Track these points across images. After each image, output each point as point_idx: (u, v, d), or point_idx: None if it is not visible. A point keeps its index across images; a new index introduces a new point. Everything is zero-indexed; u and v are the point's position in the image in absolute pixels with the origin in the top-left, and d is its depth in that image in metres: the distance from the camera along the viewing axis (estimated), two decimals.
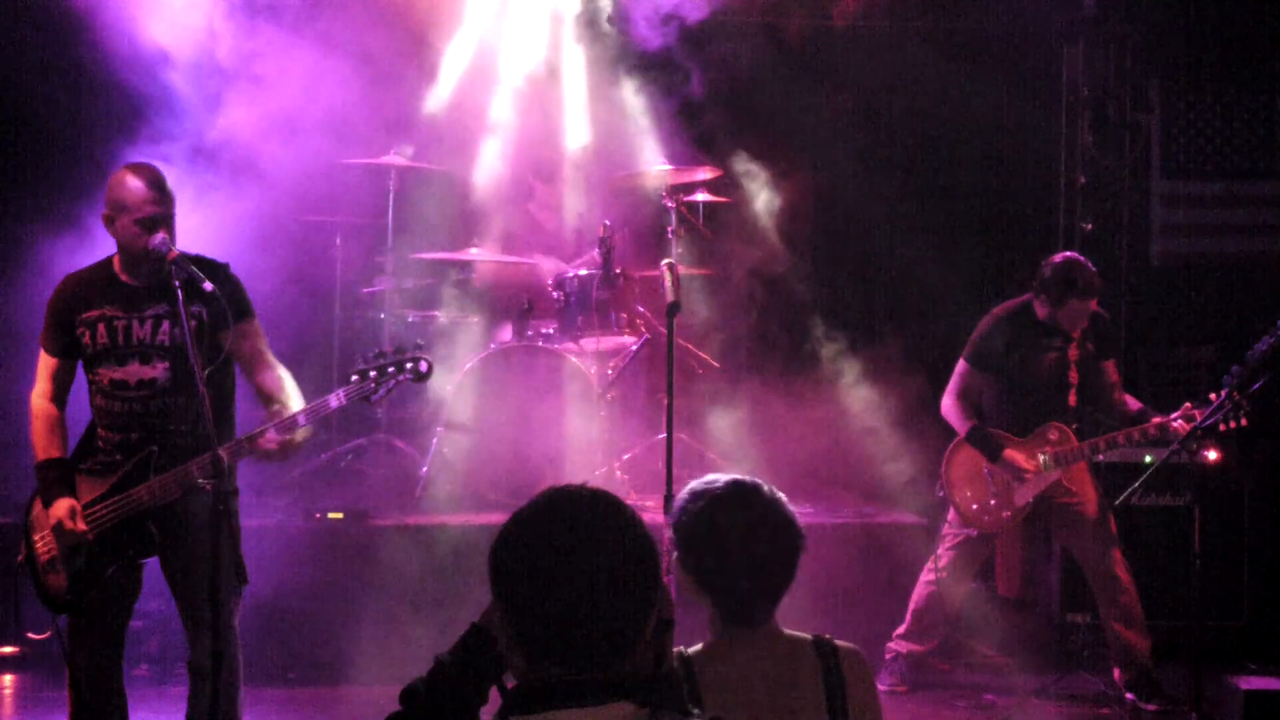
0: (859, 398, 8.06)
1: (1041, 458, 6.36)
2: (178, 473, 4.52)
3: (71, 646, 4.64)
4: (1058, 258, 6.43)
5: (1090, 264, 6.40)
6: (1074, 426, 6.42)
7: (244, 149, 7.54)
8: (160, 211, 4.59)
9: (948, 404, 6.59)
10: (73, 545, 4.55)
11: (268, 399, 4.73)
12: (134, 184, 4.60)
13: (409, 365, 4.65)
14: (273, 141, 7.69)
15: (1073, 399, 6.46)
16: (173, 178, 4.77)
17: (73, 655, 4.63)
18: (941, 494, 6.65)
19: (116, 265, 4.72)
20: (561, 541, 2.25)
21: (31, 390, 4.78)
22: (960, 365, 6.60)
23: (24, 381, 4.90)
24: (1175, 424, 6.11)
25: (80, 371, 4.78)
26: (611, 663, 2.23)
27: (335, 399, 4.63)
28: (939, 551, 6.58)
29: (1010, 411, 6.49)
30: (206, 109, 7.29)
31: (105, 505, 4.58)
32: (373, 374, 4.64)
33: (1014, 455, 6.36)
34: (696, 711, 2.30)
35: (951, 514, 6.61)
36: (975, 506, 6.48)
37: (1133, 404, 6.46)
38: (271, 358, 4.80)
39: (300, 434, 4.62)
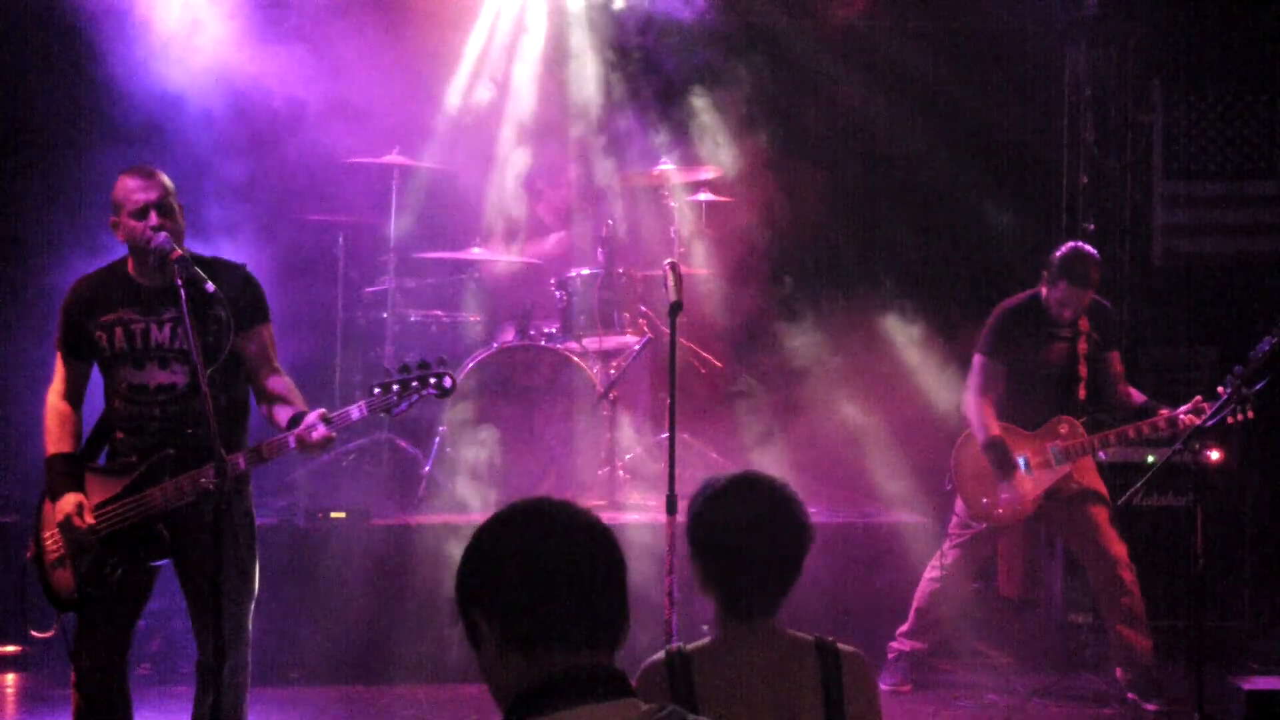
0: (861, 398, 8.06)
1: (1051, 451, 6.38)
2: (191, 476, 4.52)
3: (77, 646, 4.63)
4: (1068, 244, 6.55)
5: (1095, 257, 6.46)
6: (1083, 420, 6.44)
7: (246, 149, 7.55)
8: (151, 198, 4.56)
9: (971, 402, 6.57)
10: (80, 543, 4.55)
11: (273, 398, 4.71)
12: (125, 181, 4.62)
13: (432, 380, 4.64)
14: (275, 141, 7.71)
15: (1082, 392, 6.49)
16: (177, 179, 4.77)
17: (78, 655, 4.62)
18: (950, 487, 6.66)
19: (130, 267, 4.72)
20: (539, 525, 2.28)
21: (47, 390, 4.78)
22: (976, 360, 6.60)
23: (29, 383, 4.89)
24: (1185, 417, 6.14)
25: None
26: (607, 641, 2.24)
27: (357, 410, 4.63)
28: (944, 549, 6.59)
29: (1020, 404, 6.51)
30: (209, 109, 7.30)
31: (119, 506, 4.57)
32: (395, 387, 4.62)
33: (1022, 481, 6.39)
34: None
35: (959, 510, 6.61)
36: (985, 500, 6.49)
37: (1137, 396, 6.50)
38: (277, 364, 4.79)
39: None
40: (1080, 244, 6.55)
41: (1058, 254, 6.47)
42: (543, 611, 2.22)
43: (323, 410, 4.58)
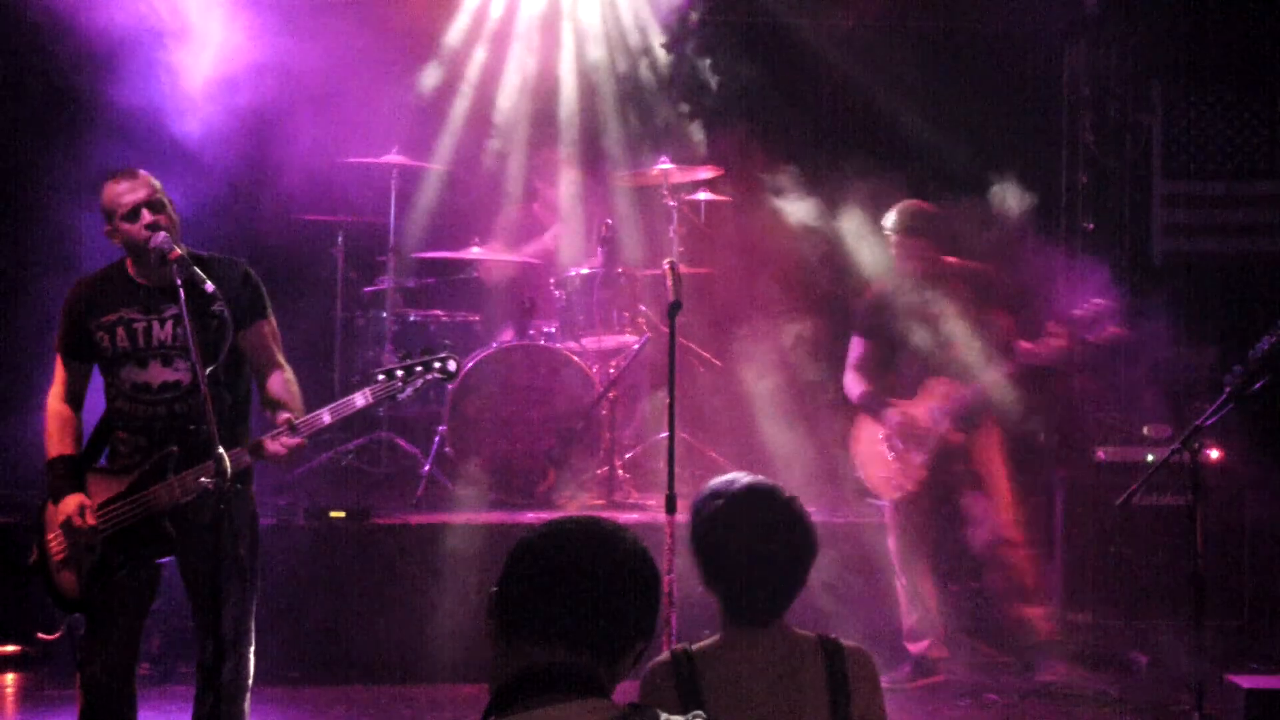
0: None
1: (931, 411, 6.44)
2: (196, 472, 4.51)
3: (85, 648, 4.61)
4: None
5: (920, 206, 6.62)
6: (962, 378, 6.45)
7: (245, 148, 7.55)
8: (139, 198, 4.56)
9: (845, 379, 6.75)
10: (85, 543, 4.54)
11: (273, 403, 4.71)
12: (111, 187, 4.61)
13: (436, 365, 4.68)
14: (274, 140, 7.71)
15: (957, 352, 6.47)
16: (172, 179, 4.77)
17: (86, 656, 4.61)
18: (858, 475, 6.74)
19: (129, 267, 4.71)
20: (560, 529, 2.37)
21: (47, 393, 4.76)
22: (851, 340, 6.78)
23: (32, 385, 4.88)
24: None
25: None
26: (592, 644, 2.28)
27: (362, 398, 4.63)
28: (890, 548, 6.63)
29: (899, 375, 6.60)
30: (207, 107, 7.29)
31: (123, 504, 4.55)
32: (399, 373, 4.66)
33: (900, 409, 6.49)
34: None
35: (885, 503, 6.69)
36: (882, 475, 6.59)
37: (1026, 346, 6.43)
38: (281, 359, 4.78)
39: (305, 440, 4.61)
40: (913, 200, 6.67)
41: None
42: (525, 603, 2.29)
43: (289, 415, 4.56)
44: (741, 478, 3.03)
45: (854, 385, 6.70)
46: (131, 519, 4.55)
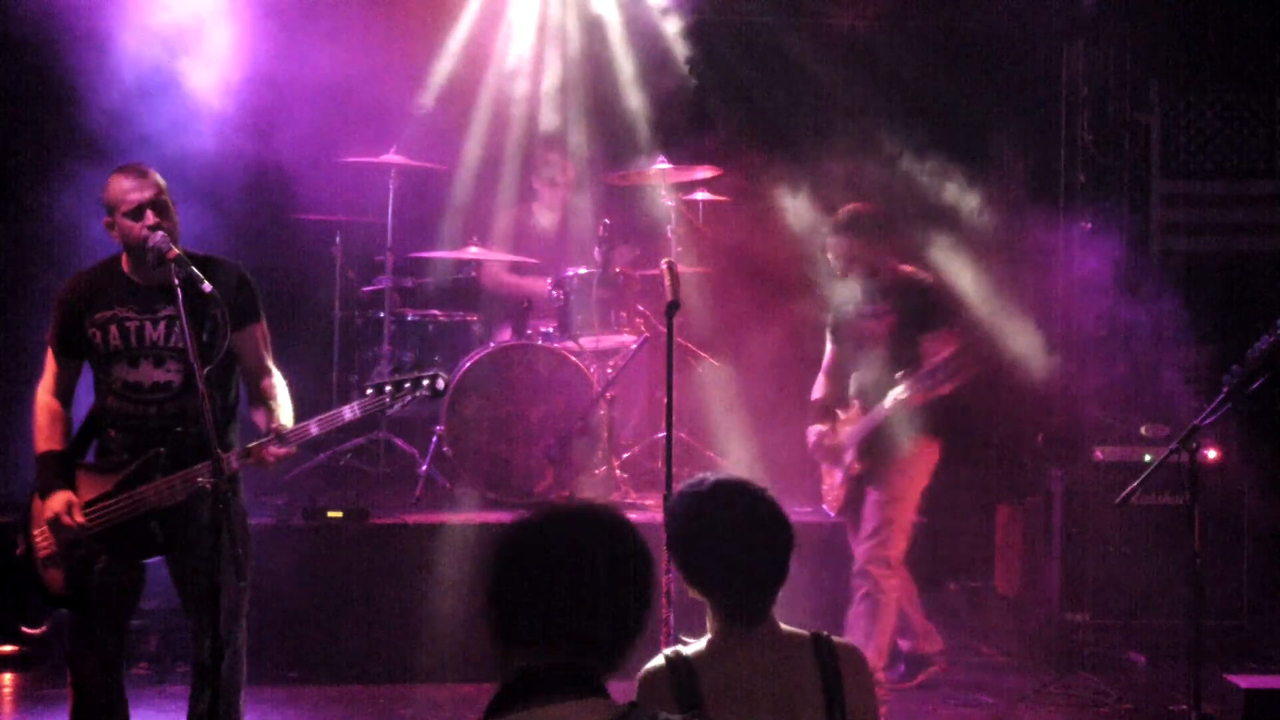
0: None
1: (843, 430, 6.44)
2: (184, 474, 4.52)
3: (73, 644, 4.64)
4: None
5: (858, 207, 6.50)
6: (871, 403, 6.31)
7: (243, 147, 7.54)
8: (145, 197, 4.57)
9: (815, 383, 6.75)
10: (71, 540, 4.54)
11: (263, 408, 4.73)
12: (117, 181, 4.63)
13: (425, 382, 4.79)
14: (272, 140, 7.70)
15: (881, 371, 6.36)
16: (170, 179, 4.76)
17: (74, 653, 4.63)
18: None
19: (124, 264, 4.72)
20: (554, 528, 2.37)
21: (37, 386, 4.77)
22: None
23: (31, 386, 4.87)
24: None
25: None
26: (592, 647, 2.28)
27: (350, 411, 4.71)
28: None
29: (844, 385, 6.58)
30: (205, 107, 7.29)
31: (110, 503, 4.56)
32: (388, 388, 4.76)
33: (818, 429, 6.50)
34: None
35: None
36: (825, 487, 6.62)
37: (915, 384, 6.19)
38: (270, 363, 4.81)
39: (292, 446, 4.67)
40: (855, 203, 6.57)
41: None
42: (520, 607, 2.30)
43: (278, 425, 4.62)
44: (709, 475, 3.03)
45: (814, 390, 6.70)
46: (119, 518, 4.56)
